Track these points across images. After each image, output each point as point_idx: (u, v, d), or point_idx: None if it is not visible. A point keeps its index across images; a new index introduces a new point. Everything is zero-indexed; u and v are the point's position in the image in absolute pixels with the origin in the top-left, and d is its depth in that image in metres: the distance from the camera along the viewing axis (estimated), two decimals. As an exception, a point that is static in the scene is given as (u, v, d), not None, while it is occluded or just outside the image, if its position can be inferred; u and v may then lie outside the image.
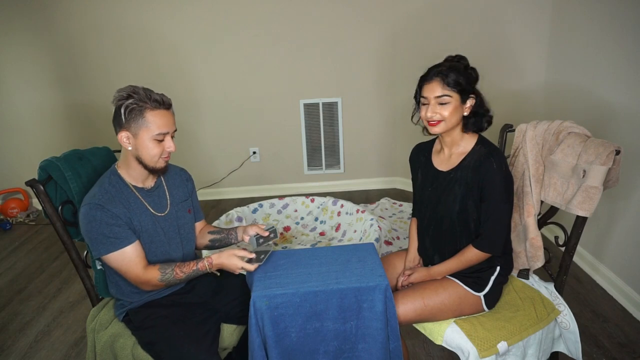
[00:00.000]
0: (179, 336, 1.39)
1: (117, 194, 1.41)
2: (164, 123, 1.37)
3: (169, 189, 1.56)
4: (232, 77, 3.54)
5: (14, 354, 2.15)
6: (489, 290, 1.52)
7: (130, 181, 1.46)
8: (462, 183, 1.48)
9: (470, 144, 1.51)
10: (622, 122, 2.20)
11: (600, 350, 1.96)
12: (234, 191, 3.89)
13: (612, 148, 1.38)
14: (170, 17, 3.38)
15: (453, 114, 1.44)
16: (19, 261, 3.04)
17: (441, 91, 1.42)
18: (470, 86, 1.44)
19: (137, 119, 1.35)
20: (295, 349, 1.41)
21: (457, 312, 1.51)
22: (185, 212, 1.59)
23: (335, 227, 3.05)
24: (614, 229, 2.30)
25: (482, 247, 1.47)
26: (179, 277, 1.42)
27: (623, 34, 2.18)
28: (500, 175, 1.42)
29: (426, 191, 1.59)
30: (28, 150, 3.73)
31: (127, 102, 1.33)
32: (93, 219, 1.35)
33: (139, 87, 1.37)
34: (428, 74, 1.46)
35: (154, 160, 1.41)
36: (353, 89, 3.60)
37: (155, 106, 1.36)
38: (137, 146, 1.38)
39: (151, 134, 1.36)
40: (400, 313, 1.46)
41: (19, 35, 3.43)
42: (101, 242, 1.36)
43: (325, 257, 1.55)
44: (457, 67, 1.43)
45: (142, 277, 1.39)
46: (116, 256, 1.37)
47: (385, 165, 3.86)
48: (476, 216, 1.48)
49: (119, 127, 1.38)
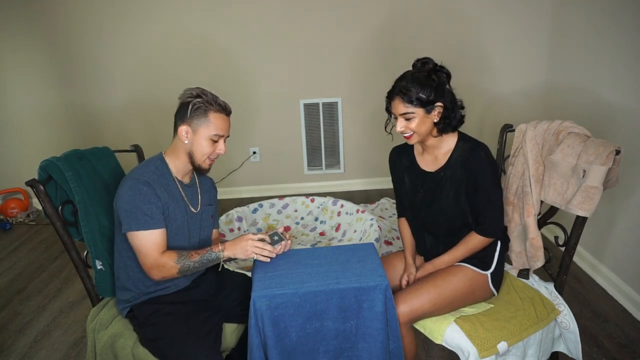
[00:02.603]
0: (182, 334, 1.40)
1: (162, 179, 1.47)
2: (223, 126, 1.48)
3: (201, 189, 1.63)
4: (232, 77, 3.54)
5: (14, 354, 2.15)
6: (494, 268, 1.56)
7: (173, 171, 1.52)
8: (453, 180, 1.52)
9: (452, 142, 1.55)
10: (622, 122, 2.20)
11: (600, 350, 1.96)
12: (234, 191, 3.90)
13: (612, 148, 1.38)
14: (168, 18, 3.38)
15: (421, 126, 1.47)
16: (19, 261, 3.04)
17: (403, 109, 1.46)
18: (434, 94, 1.43)
19: (201, 117, 1.45)
20: (295, 348, 1.42)
21: (470, 297, 1.53)
22: (209, 215, 1.65)
23: (335, 227, 3.05)
24: (614, 229, 2.30)
25: (486, 233, 1.52)
26: (194, 258, 1.44)
27: (623, 34, 2.18)
28: (488, 163, 1.48)
29: (418, 194, 1.62)
30: (28, 150, 3.73)
31: (195, 100, 1.44)
32: (138, 192, 1.39)
33: (207, 90, 1.49)
34: (392, 91, 1.50)
35: (203, 159, 1.49)
36: (353, 89, 3.60)
37: (219, 109, 1.47)
38: (194, 142, 1.47)
39: (209, 133, 1.46)
40: (416, 307, 1.47)
41: (19, 35, 3.43)
42: (136, 217, 1.39)
43: (325, 257, 1.55)
44: (419, 79, 1.43)
45: (159, 260, 1.41)
46: (144, 235, 1.40)
47: (385, 165, 3.80)
48: (473, 208, 1.52)
49: (181, 120, 1.47)
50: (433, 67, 1.47)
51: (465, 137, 1.56)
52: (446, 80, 1.48)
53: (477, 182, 1.47)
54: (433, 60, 1.48)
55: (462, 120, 1.52)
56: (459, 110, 1.51)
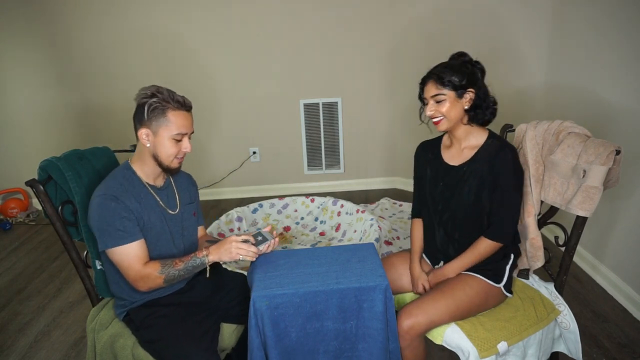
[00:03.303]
0: (179, 335, 1.40)
1: (131, 188, 1.43)
2: (184, 124, 1.41)
3: (178, 189, 1.59)
4: (232, 77, 3.54)
5: (14, 354, 2.15)
6: (506, 280, 1.55)
7: (143, 177, 1.48)
8: (476, 175, 1.50)
9: (482, 138, 1.54)
10: (622, 122, 2.20)
11: (600, 350, 1.95)
12: (234, 191, 3.90)
13: (612, 148, 1.38)
14: (170, 18, 3.38)
15: (451, 109, 1.48)
16: (19, 261, 3.04)
17: (435, 90, 1.48)
18: (467, 81, 1.46)
19: (159, 117, 1.39)
20: (295, 348, 1.41)
21: (483, 307, 1.52)
22: (191, 214, 1.62)
23: (335, 227, 3.05)
24: (614, 229, 2.30)
25: (494, 236, 1.50)
26: (178, 266, 1.42)
27: (623, 34, 2.18)
28: (514, 165, 1.48)
29: (438, 186, 1.60)
30: (28, 150, 3.73)
31: (151, 101, 1.38)
32: (106, 209, 1.36)
33: (163, 87, 1.41)
34: (425, 77, 1.53)
35: (170, 160, 1.44)
36: (353, 89, 3.60)
37: (177, 107, 1.40)
38: (156, 144, 1.41)
39: (171, 133, 1.40)
40: (435, 318, 1.44)
41: (19, 35, 3.43)
42: (110, 234, 1.36)
43: (325, 257, 1.54)
44: (453, 65, 1.48)
45: (142, 271, 1.38)
46: (121, 250, 1.37)
47: (385, 165, 3.86)
48: (489, 208, 1.51)
49: (139, 123, 1.41)
50: (469, 60, 1.51)
51: (496, 135, 1.56)
52: (480, 75, 1.51)
53: (498, 181, 1.47)
54: (469, 55, 1.52)
55: (495, 114, 1.53)
56: (492, 104, 1.52)
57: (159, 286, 1.43)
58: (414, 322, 1.43)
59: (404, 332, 1.44)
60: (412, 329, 1.43)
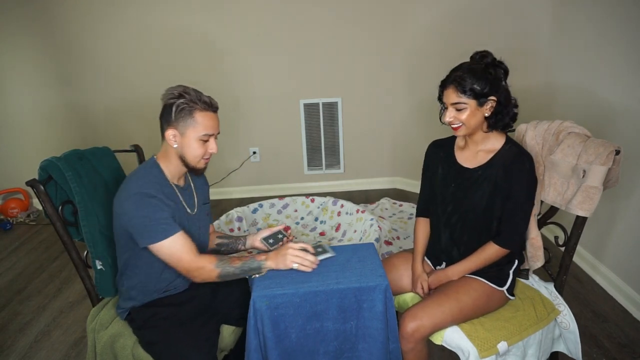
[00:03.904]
0: (179, 338, 1.40)
1: (163, 188, 1.43)
2: (211, 125, 1.42)
3: (196, 190, 1.60)
4: (232, 77, 3.54)
5: (14, 354, 2.15)
6: (510, 284, 1.54)
7: (169, 177, 1.48)
8: (491, 181, 1.48)
9: (499, 142, 1.51)
10: (622, 122, 2.20)
11: (600, 350, 1.95)
12: (234, 191, 3.90)
13: (612, 148, 1.38)
14: (170, 18, 3.38)
15: (471, 118, 1.43)
16: (19, 261, 3.04)
17: (456, 98, 1.42)
18: (489, 88, 1.40)
19: (186, 118, 1.38)
20: (295, 349, 1.41)
21: (486, 310, 1.51)
22: (205, 214, 1.62)
23: (335, 227, 3.05)
24: (614, 229, 2.30)
25: (504, 244, 1.49)
26: (235, 264, 1.42)
27: (623, 34, 2.18)
28: (529, 175, 1.44)
29: (449, 187, 1.57)
30: (28, 150, 3.73)
31: (179, 101, 1.37)
32: (147, 206, 1.35)
33: (190, 87, 1.41)
34: (446, 80, 1.45)
35: (196, 160, 1.44)
36: (353, 89, 3.60)
37: (204, 107, 1.39)
38: (183, 145, 1.41)
39: (198, 134, 1.40)
40: (439, 321, 1.43)
41: (19, 35, 3.43)
42: (154, 229, 1.35)
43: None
44: (475, 71, 1.40)
45: (198, 262, 1.39)
46: (170, 243, 1.37)
47: (385, 165, 3.85)
48: (500, 214, 1.49)
49: (167, 124, 1.41)
50: (492, 61, 1.44)
51: (513, 141, 1.52)
52: (503, 76, 1.44)
53: (513, 190, 1.44)
54: (492, 55, 1.45)
55: (515, 118, 1.48)
56: (513, 108, 1.47)
57: (212, 279, 1.42)
58: (418, 325, 1.41)
59: (408, 335, 1.42)
60: (417, 332, 1.42)
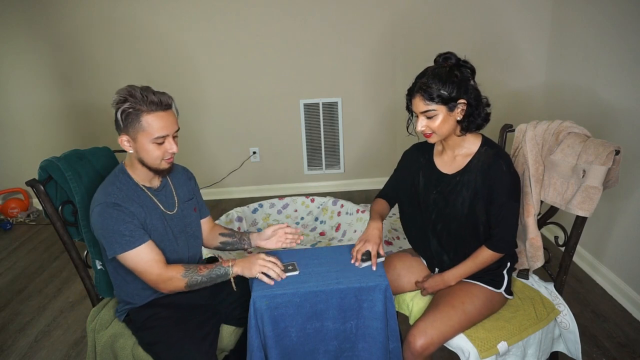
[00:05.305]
0: (179, 338, 1.39)
1: (130, 193, 1.40)
2: (162, 125, 1.33)
3: (175, 187, 1.56)
4: (232, 77, 3.54)
5: (14, 354, 2.16)
6: (506, 284, 1.54)
7: (139, 180, 1.45)
8: (470, 186, 1.45)
9: (475, 145, 1.48)
10: (622, 122, 2.20)
11: (600, 350, 1.96)
12: (234, 191, 3.90)
13: (612, 148, 1.38)
14: (172, 17, 3.38)
15: (443, 124, 1.40)
16: (19, 261, 3.04)
17: (424, 107, 1.38)
18: (457, 91, 1.36)
19: (134, 123, 1.32)
20: (296, 348, 1.42)
21: (490, 313, 1.51)
22: (191, 210, 1.59)
23: (335, 227, 3.05)
24: (614, 229, 2.30)
25: (497, 248, 1.47)
26: (202, 272, 1.40)
27: (623, 34, 2.18)
28: (509, 175, 1.42)
29: (431, 194, 1.54)
30: (28, 150, 3.73)
31: (124, 106, 1.31)
32: (109, 217, 1.33)
33: (137, 87, 1.33)
34: (412, 88, 1.42)
35: (157, 163, 1.39)
36: (353, 89, 3.60)
37: (152, 109, 1.32)
38: (138, 149, 1.36)
39: (150, 137, 1.33)
40: (448, 335, 1.40)
41: (20, 36, 3.42)
42: (117, 240, 1.34)
43: (325, 257, 1.55)
44: (440, 75, 1.36)
45: (165, 274, 1.37)
46: (133, 255, 1.35)
47: (385, 165, 3.85)
48: (485, 219, 1.46)
49: (118, 130, 1.36)
50: (456, 62, 1.39)
51: (490, 142, 1.49)
52: (470, 75, 1.40)
53: (494, 194, 1.41)
54: (456, 55, 1.40)
55: (488, 118, 1.44)
56: (485, 107, 1.42)
57: (181, 289, 1.40)
58: (428, 343, 1.38)
59: (417, 353, 1.38)
60: (427, 350, 1.38)
